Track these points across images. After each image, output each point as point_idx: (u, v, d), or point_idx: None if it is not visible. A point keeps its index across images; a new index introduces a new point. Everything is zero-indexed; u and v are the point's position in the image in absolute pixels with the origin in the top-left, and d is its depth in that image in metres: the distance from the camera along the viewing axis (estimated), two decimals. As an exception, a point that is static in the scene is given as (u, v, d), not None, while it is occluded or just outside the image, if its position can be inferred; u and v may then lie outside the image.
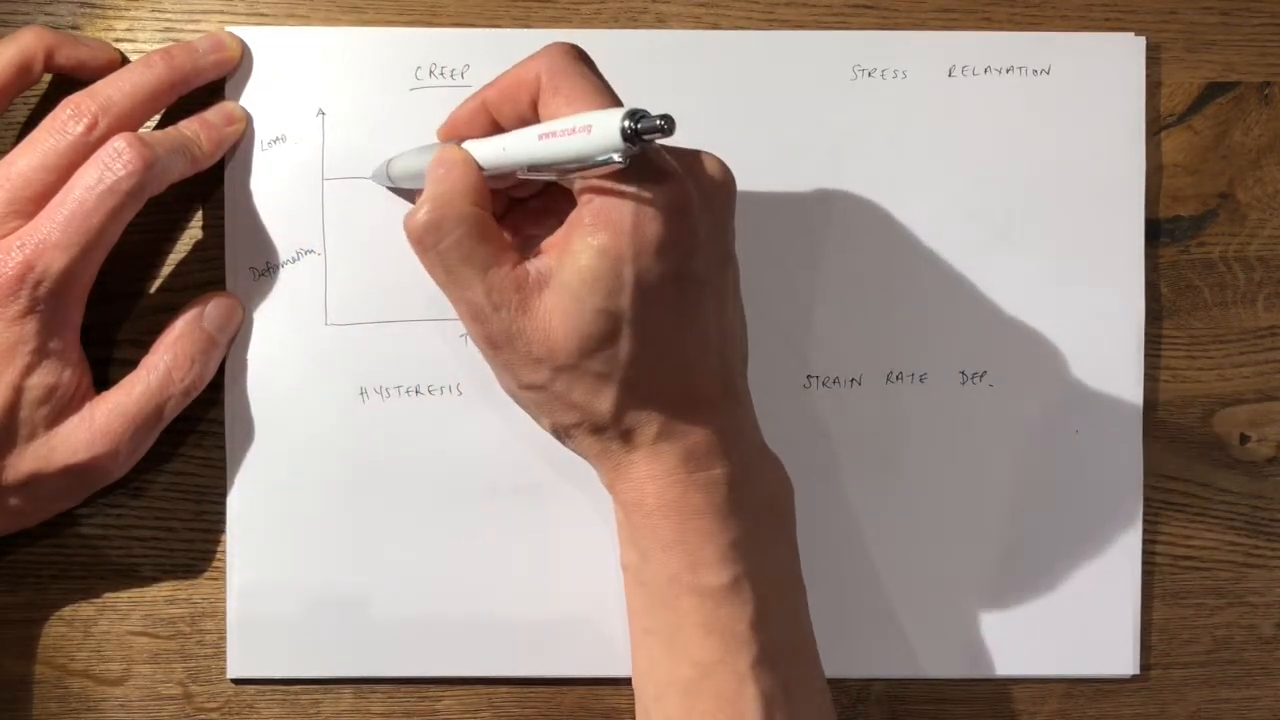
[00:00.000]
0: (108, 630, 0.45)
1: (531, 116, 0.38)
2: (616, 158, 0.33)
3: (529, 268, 0.37)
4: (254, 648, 0.44)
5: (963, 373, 0.45)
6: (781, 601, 0.39)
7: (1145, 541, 0.46)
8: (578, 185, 0.36)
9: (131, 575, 0.45)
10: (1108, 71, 0.45)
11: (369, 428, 0.44)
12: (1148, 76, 0.45)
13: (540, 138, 0.36)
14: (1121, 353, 0.45)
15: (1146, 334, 0.46)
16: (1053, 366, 0.45)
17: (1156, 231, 0.46)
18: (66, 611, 0.45)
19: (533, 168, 0.37)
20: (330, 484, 0.44)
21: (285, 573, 0.44)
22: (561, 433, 0.39)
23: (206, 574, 0.45)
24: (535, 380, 0.37)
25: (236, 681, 0.45)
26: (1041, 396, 0.45)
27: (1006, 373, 0.45)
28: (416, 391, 0.44)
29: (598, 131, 0.34)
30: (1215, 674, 0.47)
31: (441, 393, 0.44)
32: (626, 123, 0.33)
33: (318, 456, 0.44)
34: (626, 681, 0.45)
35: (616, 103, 0.36)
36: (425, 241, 0.37)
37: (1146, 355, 0.46)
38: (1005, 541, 0.45)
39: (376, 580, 0.44)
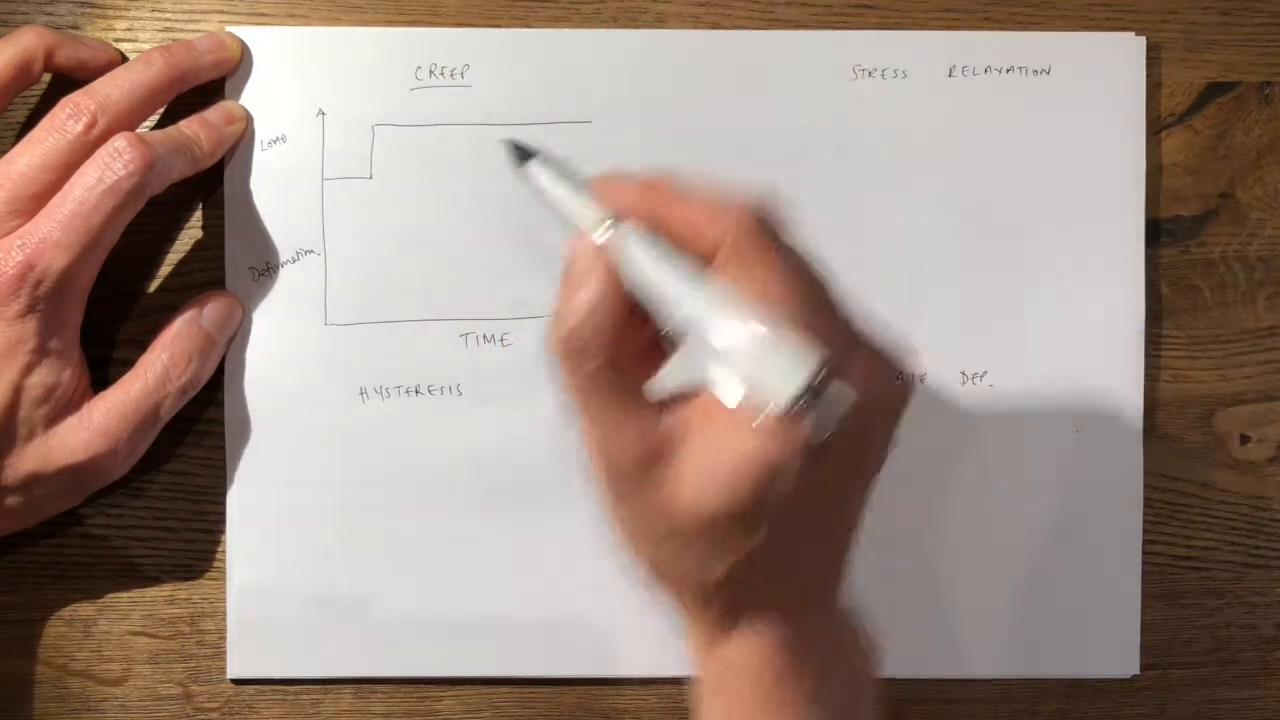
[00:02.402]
0: (108, 630, 0.45)
1: (705, 254, 0.34)
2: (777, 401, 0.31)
3: (667, 424, 0.34)
4: (254, 648, 0.44)
5: (963, 373, 0.45)
6: None
7: (1145, 541, 0.46)
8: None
9: (131, 575, 0.45)
10: (1108, 71, 0.45)
11: (369, 428, 0.44)
12: (1148, 76, 0.45)
13: (714, 340, 0.32)
14: (1121, 353, 0.45)
15: (1146, 334, 0.46)
16: (1053, 366, 0.45)
17: (1156, 231, 0.46)
18: (66, 611, 0.45)
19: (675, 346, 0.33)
20: (330, 484, 0.44)
21: (285, 573, 0.44)
22: (663, 587, 0.36)
23: (206, 574, 0.45)
24: (649, 538, 0.35)
25: (236, 681, 0.45)
26: (1041, 396, 0.45)
27: (1006, 373, 0.45)
28: (416, 391, 0.44)
29: (772, 376, 0.31)
30: (1215, 674, 0.47)
31: (441, 393, 0.44)
32: (803, 386, 0.31)
33: (318, 456, 0.44)
34: (626, 681, 0.45)
35: (809, 287, 0.32)
36: (570, 362, 0.34)
37: (1146, 355, 0.46)
38: (1005, 541, 0.45)
39: (376, 580, 0.44)
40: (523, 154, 0.38)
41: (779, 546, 0.34)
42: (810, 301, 0.33)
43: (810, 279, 0.33)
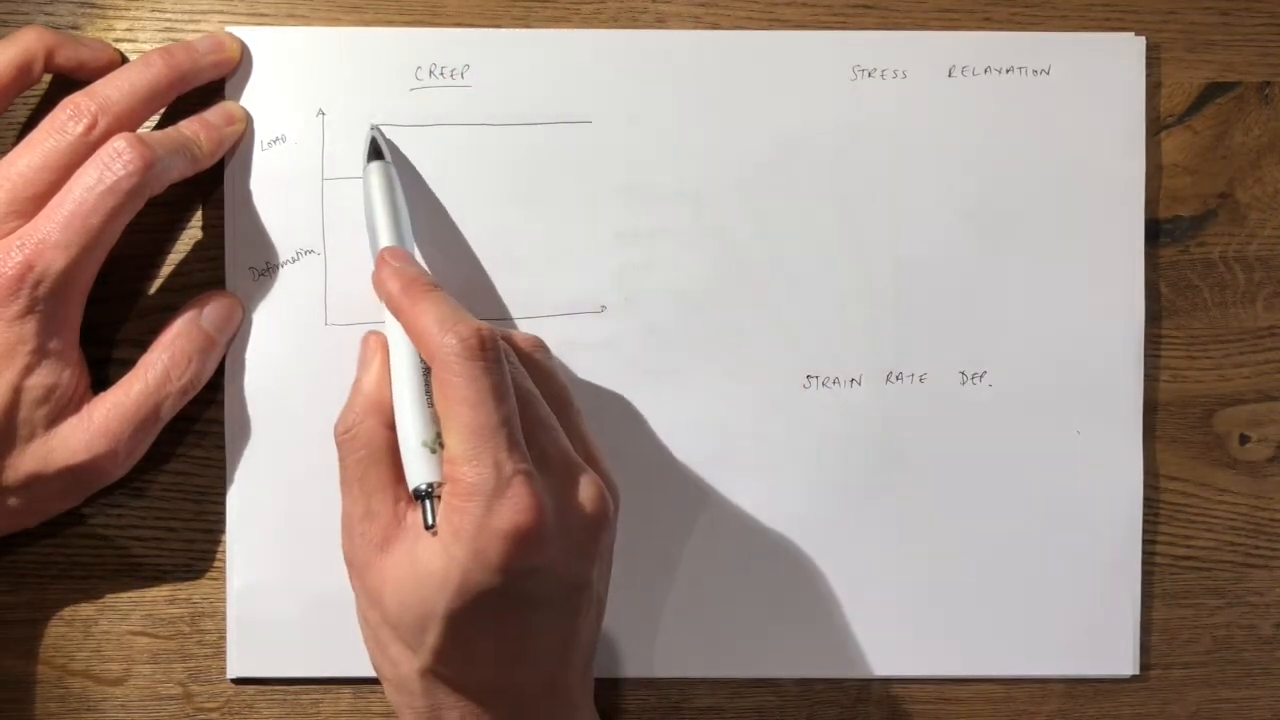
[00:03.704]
0: (108, 630, 0.45)
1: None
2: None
3: (405, 518, 0.38)
4: (254, 648, 0.44)
5: (963, 373, 0.45)
6: None
7: (1145, 541, 0.46)
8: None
9: (131, 575, 0.45)
10: (1108, 71, 0.45)
11: (369, 428, 0.44)
12: (1148, 76, 0.45)
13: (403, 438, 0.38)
14: (1121, 353, 0.45)
15: (1146, 334, 0.46)
16: (1053, 366, 0.45)
17: (1156, 231, 0.46)
18: (66, 611, 0.45)
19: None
20: (330, 484, 0.44)
21: (285, 573, 0.44)
22: (379, 675, 0.40)
23: (206, 574, 0.45)
24: (367, 616, 0.39)
25: (236, 681, 0.45)
26: (1041, 396, 0.45)
27: (1006, 373, 0.45)
28: (416, 391, 0.44)
29: (410, 473, 0.38)
30: (1215, 674, 0.47)
31: (441, 393, 0.44)
32: (421, 494, 0.37)
33: (318, 456, 0.44)
34: (626, 681, 0.45)
35: (485, 420, 0.36)
36: (343, 449, 0.39)
37: (1146, 355, 0.46)
38: (1005, 541, 0.45)
39: (376, 580, 0.44)
40: (375, 152, 0.42)
41: (465, 648, 0.37)
42: (485, 434, 0.36)
43: (496, 414, 0.36)
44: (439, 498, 0.37)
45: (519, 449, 0.36)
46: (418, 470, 0.37)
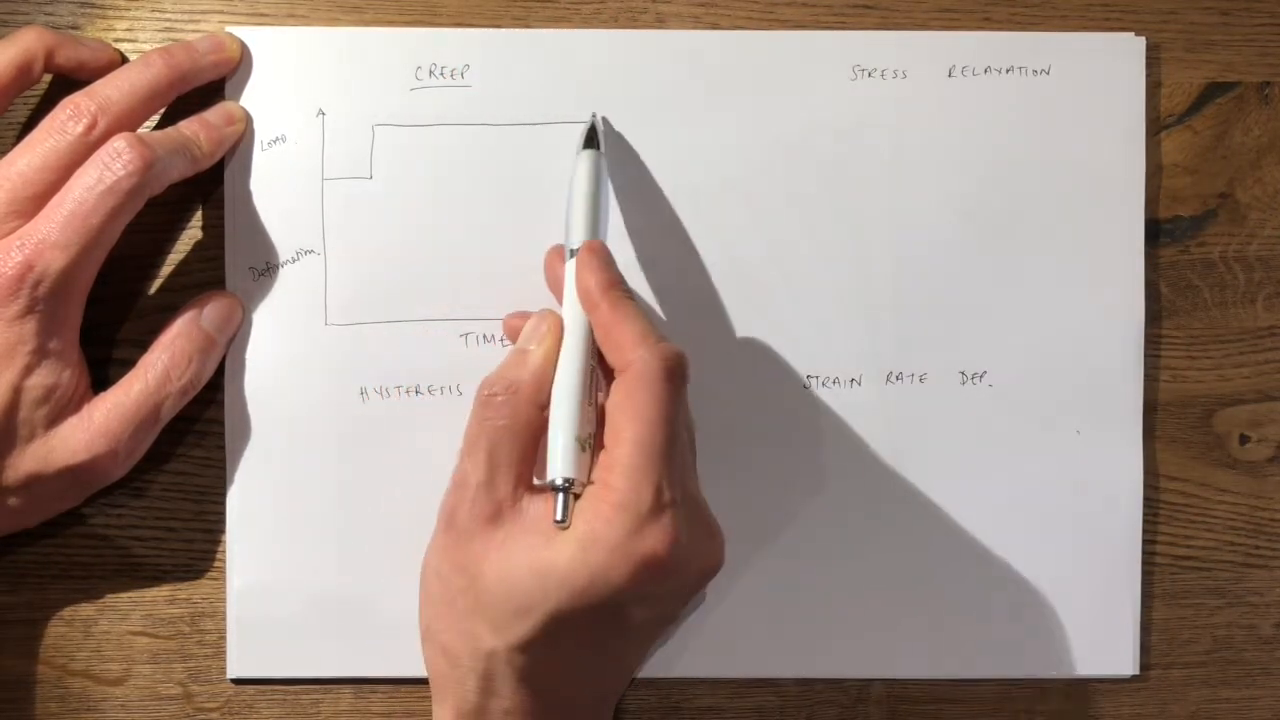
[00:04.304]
0: (108, 630, 0.45)
1: (612, 367, 0.39)
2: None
3: (522, 501, 0.38)
4: (254, 648, 0.44)
5: (963, 373, 0.45)
6: None
7: (1145, 541, 0.46)
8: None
9: (131, 575, 0.45)
10: (1108, 71, 0.45)
11: (369, 428, 0.44)
12: (1148, 76, 0.45)
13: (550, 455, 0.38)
14: (1121, 353, 0.45)
15: (1146, 334, 0.46)
16: (1053, 366, 0.45)
17: (1156, 231, 0.46)
18: (66, 611, 0.45)
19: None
20: (330, 484, 0.44)
21: (285, 573, 0.44)
22: (429, 636, 0.39)
23: (206, 574, 0.45)
24: (451, 579, 0.38)
25: (236, 681, 0.45)
26: (1041, 396, 0.45)
27: (1006, 373, 0.45)
28: (416, 391, 0.44)
29: (556, 464, 0.37)
30: (1215, 674, 0.47)
31: (441, 393, 0.44)
32: (558, 484, 0.37)
33: (318, 456, 0.44)
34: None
35: (661, 442, 0.36)
36: (485, 410, 0.38)
37: (1146, 355, 0.46)
38: (1005, 541, 0.45)
39: (376, 580, 0.44)
40: (590, 140, 0.42)
41: (544, 652, 0.37)
42: (656, 454, 0.36)
43: (669, 437, 0.37)
44: (576, 496, 0.37)
45: (678, 481, 0.37)
46: (565, 463, 0.37)
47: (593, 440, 0.38)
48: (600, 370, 0.40)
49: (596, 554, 0.35)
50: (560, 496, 0.36)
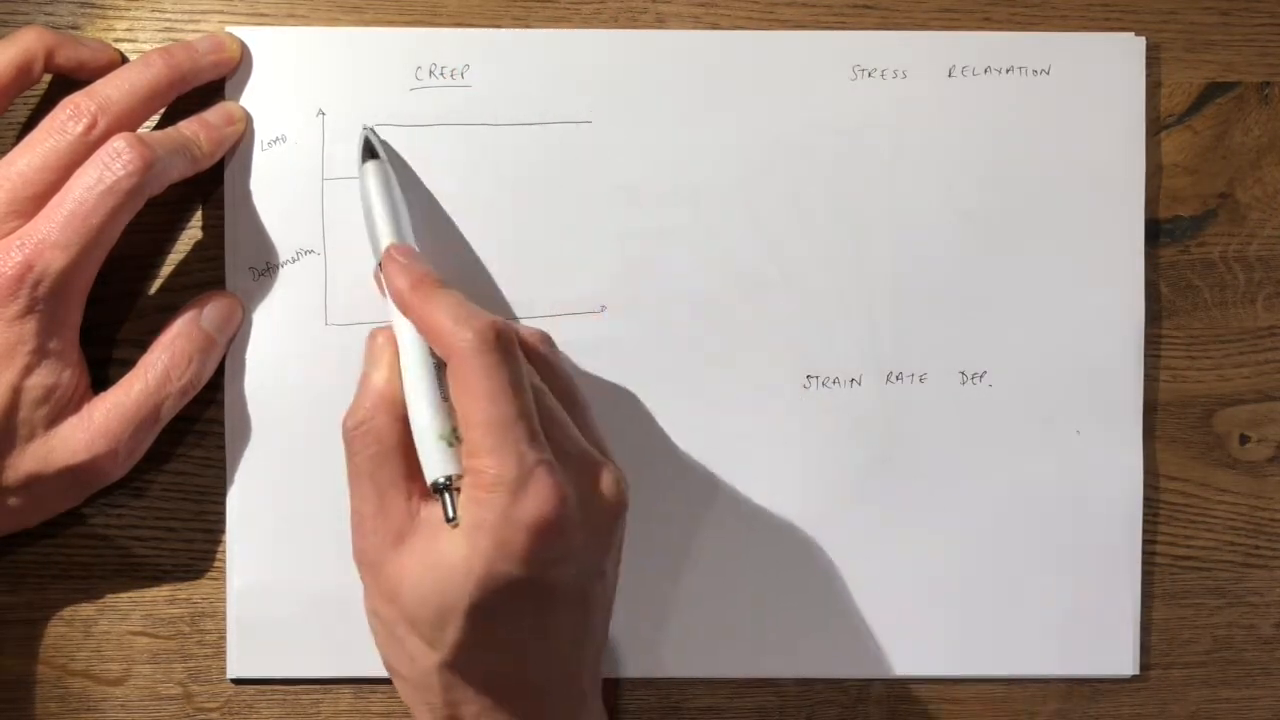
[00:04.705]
0: (108, 630, 0.45)
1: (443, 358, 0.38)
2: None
3: (420, 512, 0.38)
4: (254, 648, 0.44)
5: (963, 373, 0.45)
6: None
7: (1145, 541, 0.46)
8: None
9: (131, 575, 0.45)
10: (1108, 71, 0.45)
11: (369, 428, 0.44)
12: (1148, 76, 0.45)
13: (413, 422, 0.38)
14: (1121, 353, 0.45)
15: (1146, 334, 0.46)
16: (1053, 366, 0.45)
17: (1156, 231, 0.46)
18: (66, 611, 0.45)
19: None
20: (330, 484, 0.44)
21: (285, 573, 0.44)
22: (392, 673, 0.40)
23: (206, 574, 0.45)
24: (382, 613, 0.38)
25: (236, 681, 0.45)
26: (1041, 396, 0.45)
27: (1006, 373, 0.45)
28: (416, 391, 0.44)
29: (429, 466, 0.37)
30: (1215, 674, 0.47)
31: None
32: (440, 486, 0.37)
33: (318, 456, 0.44)
34: (625, 681, 0.45)
35: (505, 412, 0.36)
36: (353, 444, 0.39)
37: (1146, 355, 0.46)
38: (1005, 541, 0.45)
39: (376, 580, 0.44)
40: (369, 151, 0.42)
41: (486, 639, 0.37)
42: (506, 426, 0.36)
43: (515, 406, 0.36)
44: (458, 490, 0.37)
45: (539, 440, 0.37)
46: (437, 463, 0.37)
47: (457, 433, 0.38)
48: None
49: (484, 538, 0.36)
50: (445, 496, 0.37)
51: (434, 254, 0.44)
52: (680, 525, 0.45)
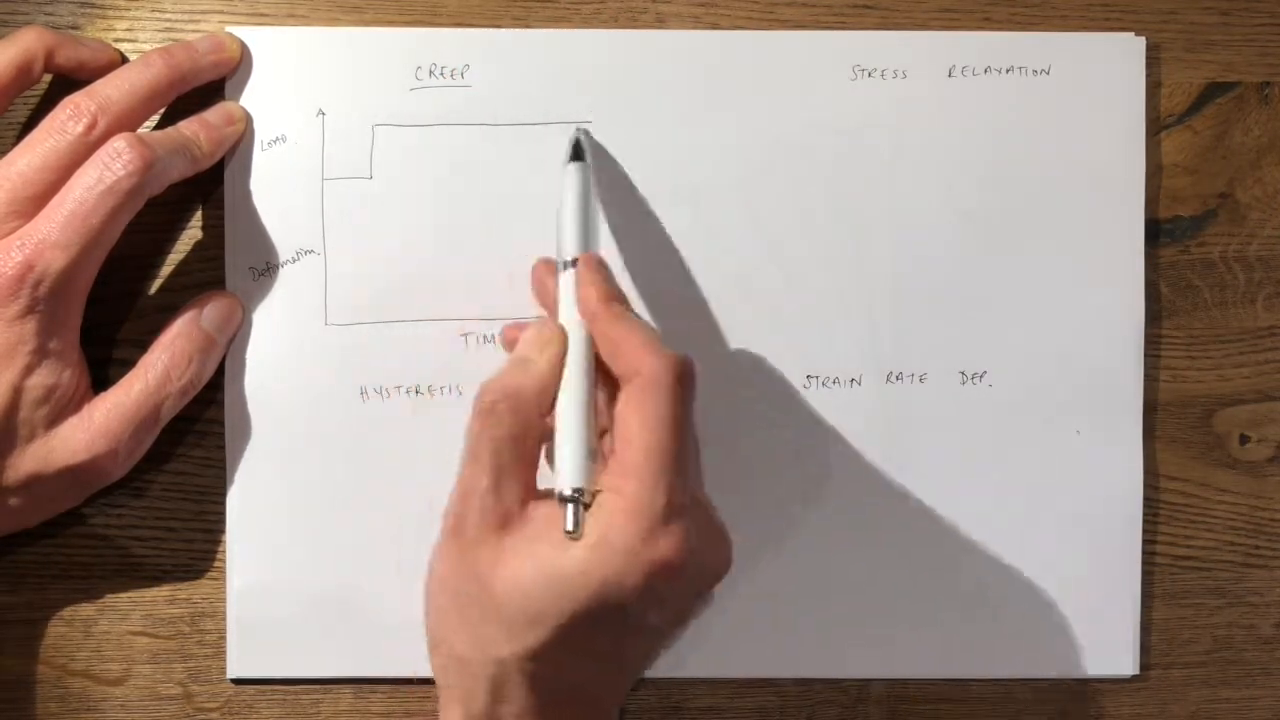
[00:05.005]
0: (108, 630, 0.45)
1: (617, 376, 0.38)
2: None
3: (531, 508, 0.37)
4: (254, 648, 0.44)
5: (963, 373, 0.45)
6: None
7: (1145, 541, 0.46)
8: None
9: (131, 575, 0.45)
10: (1108, 71, 0.45)
11: (369, 428, 0.44)
12: (1148, 76, 0.45)
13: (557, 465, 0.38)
14: (1121, 353, 0.45)
15: (1146, 334, 0.46)
16: (1053, 366, 0.45)
17: (1156, 231, 0.46)
18: (66, 611, 0.45)
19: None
20: (330, 484, 0.44)
21: (285, 573, 0.44)
22: (437, 646, 0.39)
23: (206, 574, 0.45)
24: (462, 589, 0.37)
25: (236, 681, 0.45)
26: (1041, 396, 0.45)
27: (1006, 373, 0.45)
28: (416, 391, 0.44)
29: (566, 474, 0.37)
30: (1215, 674, 0.47)
31: (441, 393, 0.44)
32: (568, 495, 0.36)
33: (318, 456, 0.44)
34: (626, 681, 0.45)
35: (673, 448, 0.36)
36: (486, 418, 0.37)
37: (1146, 355, 0.46)
38: (1005, 541, 0.45)
39: (376, 580, 0.44)
40: (576, 153, 0.42)
41: (563, 652, 0.36)
42: (669, 459, 0.36)
43: (682, 442, 0.37)
44: (586, 505, 0.36)
45: (689, 486, 0.37)
46: (576, 473, 0.37)
47: (598, 449, 0.38)
48: (600, 381, 0.40)
49: (610, 559, 0.35)
50: (571, 507, 0.36)
51: (434, 254, 0.44)
52: (680, 525, 0.45)
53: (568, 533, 0.36)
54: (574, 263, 0.40)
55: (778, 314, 0.45)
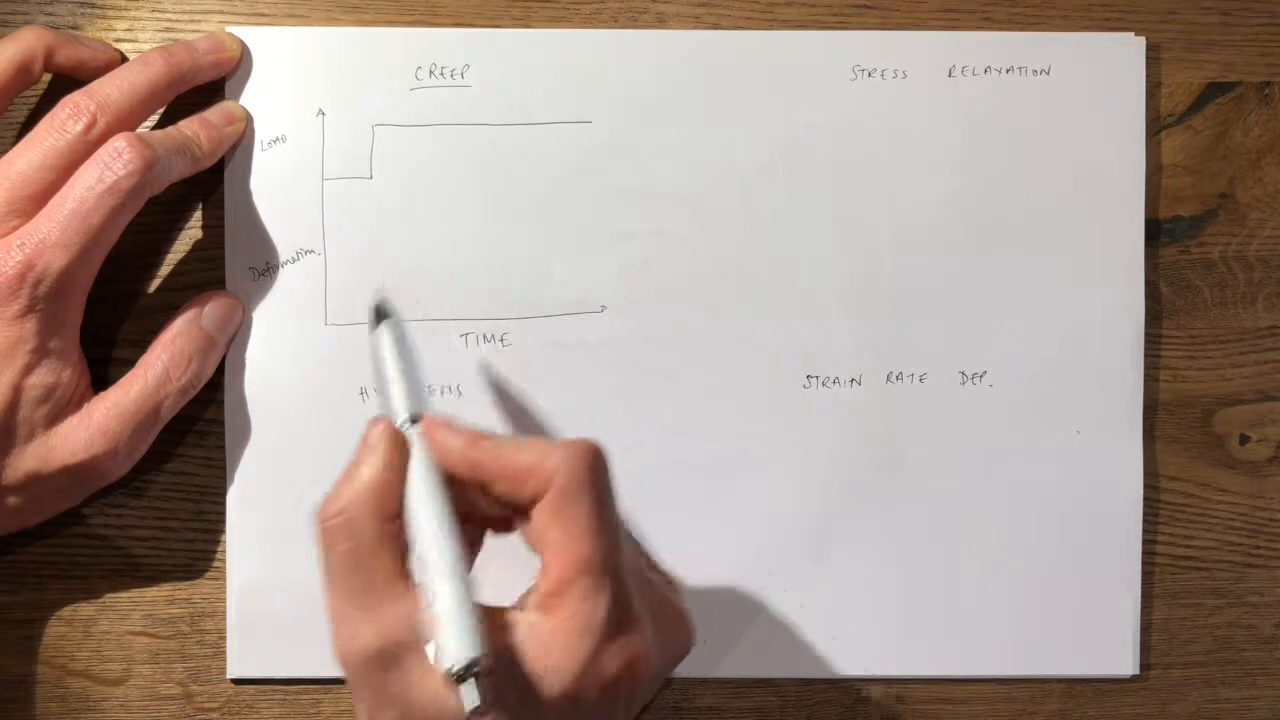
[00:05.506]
0: (108, 630, 0.45)
1: (525, 502, 0.35)
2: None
3: (412, 623, 0.34)
4: (254, 648, 0.44)
5: (963, 373, 0.45)
6: None
7: (1145, 541, 0.46)
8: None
9: (131, 575, 0.45)
10: (1108, 71, 0.45)
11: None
12: (1148, 76, 0.45)
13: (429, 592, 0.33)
14: (1121, 353, 0.45)
15: (1146, 334, 0.46)
16: (1053, 366, 0.45)
17: (1156, 231, 0.46)
18: (66, 611, 0.45)
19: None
20: (330, 484, 0.44)
21: (285, 573, 0.44)
22: None
23: (206, 574, 0.45)
24: (379, 716, 0.34)
25: (236, 681, 0.45)
26: (1041, 396, 0.45)
27: (1006, 373, 0.45)
28: (416, 391, 0.44)
29: (453, 647, 0.32)
30: (1215, 674, 0.47)
31: (441, 393, 0.44)
32: (460, 671, 0.32)
33: (318, 456, 0.44)
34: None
35: (607, 549, 0.34)
36: (328, 536, 0.35)
37: (1146, 355, 0.46)
38: (1005, 541, 0.45)
39: (376, 580, 0.44)
40: (380, 315, 0.40)
41: None
42: (602, 568, 0.34)
43: (612, 541, 0.35)
44: (490, 673, 0.33)
45: (631, 583, 0.35)
46: (466, 644, 0.32)
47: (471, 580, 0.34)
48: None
49: (560, 682, 0.33)
50: (470, 683, 0.32)
51: (434, 254, 0.44)
52: (679, 525, 0.45)
53: (476, 714, 0.32)
54: (414, 420, 0.37)
55: (778, 314, 0.45)
